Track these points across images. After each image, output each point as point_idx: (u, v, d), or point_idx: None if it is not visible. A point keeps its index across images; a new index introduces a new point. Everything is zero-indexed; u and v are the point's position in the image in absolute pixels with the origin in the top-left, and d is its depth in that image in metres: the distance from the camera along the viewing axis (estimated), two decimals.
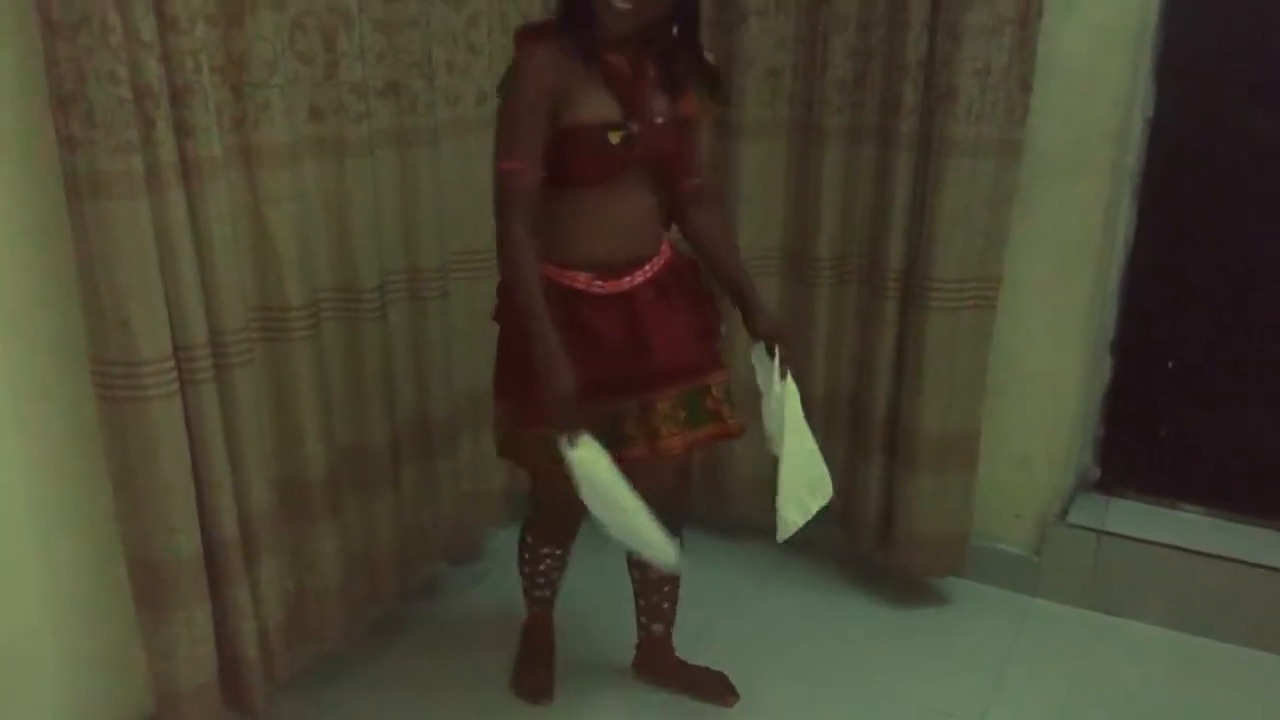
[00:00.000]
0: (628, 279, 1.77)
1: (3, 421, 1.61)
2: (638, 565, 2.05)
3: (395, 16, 2.00)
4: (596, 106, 1.69)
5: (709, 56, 1.82)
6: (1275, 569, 2.27)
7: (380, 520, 2.21)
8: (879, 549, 2.48)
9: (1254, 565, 2.29)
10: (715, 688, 2.16)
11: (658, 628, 2.16)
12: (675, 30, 1.71)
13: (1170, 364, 2.42)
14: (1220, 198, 2.28)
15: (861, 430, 2.44)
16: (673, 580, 2.10)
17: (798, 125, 2.35)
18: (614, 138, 1.69)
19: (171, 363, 1.65)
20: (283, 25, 1.81)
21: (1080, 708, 2.17)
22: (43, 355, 1.64)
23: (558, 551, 2.10)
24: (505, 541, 2.40)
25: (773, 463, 1.85)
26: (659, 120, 1.73)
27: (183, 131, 1.63)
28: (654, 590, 2.11)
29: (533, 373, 1.66)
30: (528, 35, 1.72)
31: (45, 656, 1.74)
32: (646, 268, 1.79)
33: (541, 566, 2.11)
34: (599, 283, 1.76)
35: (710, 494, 2.67)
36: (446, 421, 2.32)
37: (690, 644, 2.24)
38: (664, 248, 1.84)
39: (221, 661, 1.85)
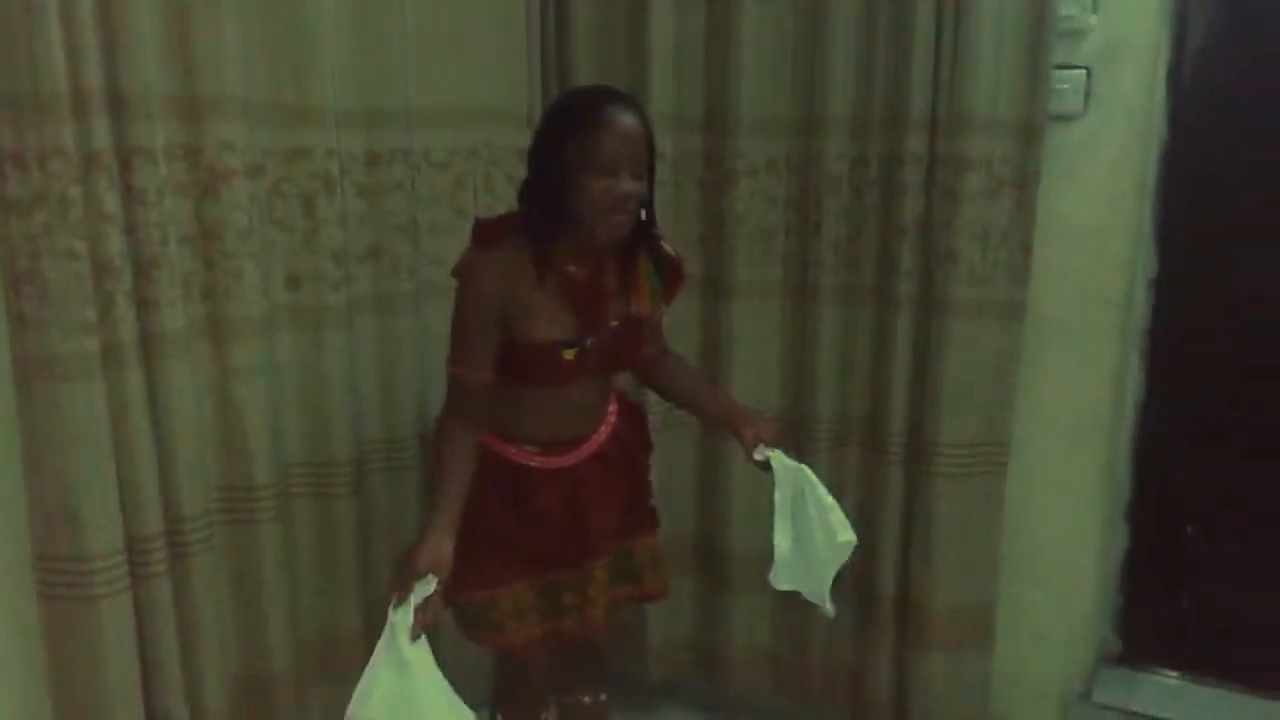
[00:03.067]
0: (572, 455, 1.75)
1: None
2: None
3: (379, 181, 1.94)
4: (551, 324, 1.64)
5: (668, 248, 1.77)
6: None
7: None
8: None
9: None
10: None
11: None
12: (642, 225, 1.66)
13: (1189, 530, 2.30)
14: (1229, 360, 2.21)
15: (869, 606, 2.29)
16: None
17: (792, 285, 2.28)
18: (568, 354, 1.65)
19: (123, 557, 1.52)
20: (260, 193, 1.74)
21: None
22: None
23: None
24: None
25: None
26: (614, 324, 1.70)
27: (145, 306, 1.53)
28: None
29: (467, 544, 1.63)
30: (485, 236, 1.65)
31: None
32: (591, 441, 1.77)
33: None
34: (540, 458, 1.72)
35: (704, 668, 2.50)
36: None
37: None
38: (610, 409, 1.81)
39: None
